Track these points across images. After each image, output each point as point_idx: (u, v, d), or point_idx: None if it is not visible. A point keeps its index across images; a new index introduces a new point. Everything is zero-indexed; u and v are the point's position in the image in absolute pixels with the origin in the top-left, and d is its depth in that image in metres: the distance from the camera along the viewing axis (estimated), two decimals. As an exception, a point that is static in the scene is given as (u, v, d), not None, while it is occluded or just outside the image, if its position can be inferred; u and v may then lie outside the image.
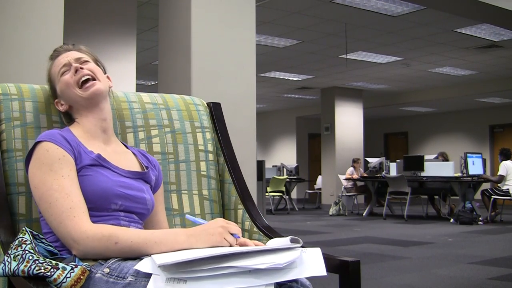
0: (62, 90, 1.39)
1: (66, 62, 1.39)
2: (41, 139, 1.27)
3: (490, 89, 12.26)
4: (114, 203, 1.28)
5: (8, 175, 1.36)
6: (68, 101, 1.40)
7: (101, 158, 1.32)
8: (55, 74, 1.40)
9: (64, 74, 1.39)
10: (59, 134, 1.29)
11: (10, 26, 2.80)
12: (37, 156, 1.25)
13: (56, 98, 1.42)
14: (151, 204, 1.39)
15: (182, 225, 1.62)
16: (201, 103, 1.80)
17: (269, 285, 1.04)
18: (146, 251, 1.14)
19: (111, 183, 1.28)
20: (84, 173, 1.27)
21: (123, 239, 1.14)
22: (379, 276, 3.70)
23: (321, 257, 1.13)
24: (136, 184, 1.35)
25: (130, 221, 1.31)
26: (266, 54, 9.28)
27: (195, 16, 3.51)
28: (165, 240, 1.14)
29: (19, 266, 1.08)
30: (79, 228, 1.16)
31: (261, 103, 14.99)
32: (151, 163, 1.48)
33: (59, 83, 1.39)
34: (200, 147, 1.71)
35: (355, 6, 6.88)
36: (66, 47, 1.45)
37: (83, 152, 1.30)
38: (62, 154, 1.25)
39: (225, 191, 1.73)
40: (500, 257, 5.02)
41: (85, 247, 1.15)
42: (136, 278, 1.09)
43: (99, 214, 1.26)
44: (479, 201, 8.99)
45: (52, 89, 1.43)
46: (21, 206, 1.35)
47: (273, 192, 11.27)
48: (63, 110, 1.41)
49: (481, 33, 8.22)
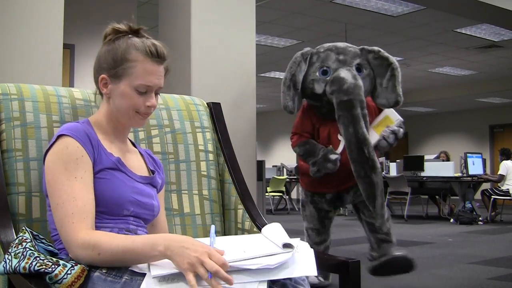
0: (122, 98, 1.29)
1: (153, 84, 1.30)
2: (64, 132, 1.25)
3: (490, 89, 12.26)
4: (127, 209, 1.29)
5: (8, 175, 1.36)
6: (115, 105, 1.32)
7: (120, 163, 1.31)
8: (137, 72, 1.28)
9: (140, 93, 1.29)
10: (83, 130, 1.27)
11: (10, 26, 2.80)
12: (56, 150, 1.24)
13: (103, 74, 1.31)
14: (157, 210, 1.40)
15: (182, 225, 1.62)
16: (201, 103, 1.80)
17: (262, 282, 1.05)
18: (126, 262, 1.13)
19: (126, 189, 1.29)
20: (103, 176, 1.27)
21: (105, 250, 1.13)
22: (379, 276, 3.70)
23: (313, 257, 1.14)
24: (147, 190, 1.36)
25: (137, 225, 1.33)
26: (266, 54, 9.28)
27: (195, 16, 3.50)
28: (142, 252, 1.11)
29: (20, 263, 1.09)
30: (73, 235, 1.17)
31: (261, 103, 14.99)
32: (157, 165, 1.49)
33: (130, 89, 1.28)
34: (200, 147, 1.71)
35: (355, 6, 6.88)
36: (163, 56, 1.32)
37: (104, 153, 1.29)
38: (80, 153, 1.24)
39: (225, 191, 1.73)
40: (500, 257, 5.02)
41: (75, 254, 1.17)
42: (132, 277, 1.11)
43: (111, 218, 1.28)
44: (479, 201, 8.99)
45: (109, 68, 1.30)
46: (20, 206, 1.35)
47: (273, 192, 11.26)
48: (104, 93, 1.33)
49: (481, 33, 8.22)
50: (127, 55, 1.28)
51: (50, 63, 2.87)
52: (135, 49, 1.29)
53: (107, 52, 1.31)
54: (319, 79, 3.11)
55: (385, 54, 3.11)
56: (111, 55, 1.30)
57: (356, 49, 3.17)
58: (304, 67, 3.16)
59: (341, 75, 3.03)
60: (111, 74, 1.30)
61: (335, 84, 3.02)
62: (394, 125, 3.19)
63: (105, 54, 1.31)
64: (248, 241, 1.22)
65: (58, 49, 2.91)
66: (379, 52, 3.11)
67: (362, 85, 3.02)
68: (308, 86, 3.16)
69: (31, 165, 1.38)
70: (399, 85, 3.08)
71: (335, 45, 3.20)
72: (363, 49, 3.16)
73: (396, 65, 3.09)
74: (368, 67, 3.12)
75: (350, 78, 3.01)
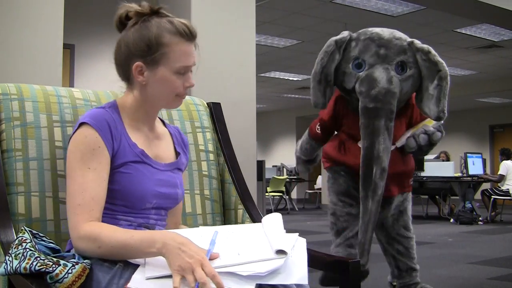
0: (162, 84, 1.27)
1: (191, 64, 1.29)
2: (86, 120, 1.24)
3: (490, 89, 12.26)
4: (149, 202, 1.30)
5: (7, 175, 1.36)
6: (153, 92, 1.28)
7: (144, 154, 1.30)
8: (175, 56, 1.26)
9: (179, 76, 1.27)
10: (105, 119, 1.25)
11: (10, 26, 2.80)
12: (76, 138, 1.24)
13: (137, 61, 1.27)
14: (181, 197, 1.41)
15: (183, 225, 1.62)
16: (201, 103, 1.80)
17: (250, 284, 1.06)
18: (124, 256, 1.15)
19: (150, 183, 1.29)
20: (126, 170, 1.26)
21: (105, 244, 1.15)
22: (379, 276, 3.69)
23: (305, 263, 1.15)
24: (172, 180, 1.36)
25: (158, 218, 1.34)
26: (266, 54, 9.28)
27: (195, 16, 3.50)
28: (140, 247, 1.12)
29: (20, 263, 1.10)
30: (76, 227, 1.18)
31: (261, 103, 14.99)
32: (184, 144, 1.48)
33: (170, 73, 1.26)
34: (200, 147, 1.71)
35: (355, 6, 6.88)
36: (195, 34, 1.30)
37: (127, 144, 1.28)
38: (97, 144, 1.23)
39: (225, 191, 1.73)
40: (500, 257, 5.02)
41: (77, 246, 1.19)
42: (125, 265, 1.14)
43: (133, 212, 1.28)
44: (479, 201, 8.99)
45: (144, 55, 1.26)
46: (20, 206, 1.35)
47: (273, 192, 11.27)
48: (139, 81, 1.28)
49: (481, 33, 8.22)
50: (162, 39, 1.25)
51: (50, 63, 2.87)
52: (168, 32, 1.26)
53: (138, 38, 1.26)
54: (351, 73, 2.63)
55: (435, 58, 2.58)
56: (144, 41, 1.25)
57: (403, 43, 2.64)
58: (337, 57, 2.65)
59: (374, 75, 2.55)
60: (147, 61, 1.26)
61: (365, 84, 2.56)
62: (431, 126, 2.76)
63: (136, 40, 1.26)
64: (246, 238, 1.22)
65: (58, 49, 2.91)
66: (428, 53, 2.59)
67: (397, 91, 2.55)
68: (339, 77, 2.69)
69: (31, 165, 1.38)
70: (444, 98, 2.61)
71: (379, 33, 2.64)
72: (412, 44, 2.64)
73: (446, 73, 2.59)
74: (414, 66, 2.61)
75: (384, 81, 2.53)
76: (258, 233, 1.23)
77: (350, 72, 2.63)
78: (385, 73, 2.55)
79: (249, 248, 1.16)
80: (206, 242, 1.14)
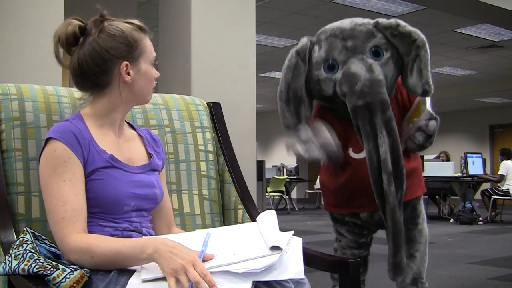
0: (145, 76, 1.35)
1: (154, 56, 1.38)
2: (51, 136, 1.25)
3: (490, 89, 12.26)
4: (127, 205, 1.30)
5: (7, 175, 1.36)
6: (139, 87, 1.35)
7: (113, 159, 1.30)
8: (147, 48, 1.35)
9: (151, 66, 1.37)
10: (70, 131, 1.26)
11: (10, 26, 2.80)
12: (45, 154, 1.25)
13: (126, 60, 1.31)
14: (160, 197, 1.40)
15: (182, 225, 1.62)
16: (201, 103, 1.80)
17: (246, 282, 1.06)
18: (117, 265, 1.15)
19: (123, 186, 1.28)
20: (97, 177, 1.26)
21: (97, 253, 1.15)
22: (379, 276, 3.69)
23: (301, 258, 1.15)
24: (146, 180, 1.36)
25: (140, 221, 1.34)
26: (266, 54, 9.28)
27: (195, 16, 3.51)
28: (132, 254, 1.13)
29: (19, 264, 1.10)
30: (65, 240, 1.18)
31: (261, 103, 14.98)
32: (156, 145, 1.48)
33: (148, 65, 1.35)
34: (200, 147, 1.71)
35: (355, 6, 6.88)
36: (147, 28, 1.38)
37: (96, 152, 1.28)
38: (68, 156, 1.23)
39: (225, 191, 1.73)
40: (500, 257, 5.02)
41: (69, 259, 1.19)
42: (120, 272, 1.15)
43: (112, 217, 1.28)
44: (479, 201, 8.99)
45: (127, 54, 1.31)
46: (20, 206, 1.35)
47: (273, 192, 11.27)
48: (126, 80, 1.31)
49: (481, 33, 8.22)
50: (134, 36, 1.33)
51: (50, 63, 2.86)
52: (133, 30, 1.34)
53: (114, 41, 1.31)
54: (326, 78, 2.30)
55: (406, 29, 2.29)
56: (122, 42, 1.31)
57: (368, 26, 2.32)
58: (303, 68, 2.37)
59: (351, 70, 2.23)
60: (130, 59, 1.32)
61: (345, 84, 2.23)
62: (421, 119, 2.41)
63: (113, 44, 1.30)
64: (241, 238, 1.22)
65: (58, 49, 2.91)
66: (397, 27, 2.28)
67: (382, 77, 2.23)
68: (315, 87, 2.35)
69: (31, 165, 1.38)
70: (426, 68, 2.29)
71: (339, 27, 2.35)
72: (377, 24, 2.31)
73: (422, 41, 2.30)
74: (390, 46, 2.30)
75: (364, 72, 2.21)
76: (253, 232, 1.24)
77: (325, 77, 2.30)
78: (362, 64, 2.24)
79: (244, 247, 1.16)
80: (201, 245, 1.15)
